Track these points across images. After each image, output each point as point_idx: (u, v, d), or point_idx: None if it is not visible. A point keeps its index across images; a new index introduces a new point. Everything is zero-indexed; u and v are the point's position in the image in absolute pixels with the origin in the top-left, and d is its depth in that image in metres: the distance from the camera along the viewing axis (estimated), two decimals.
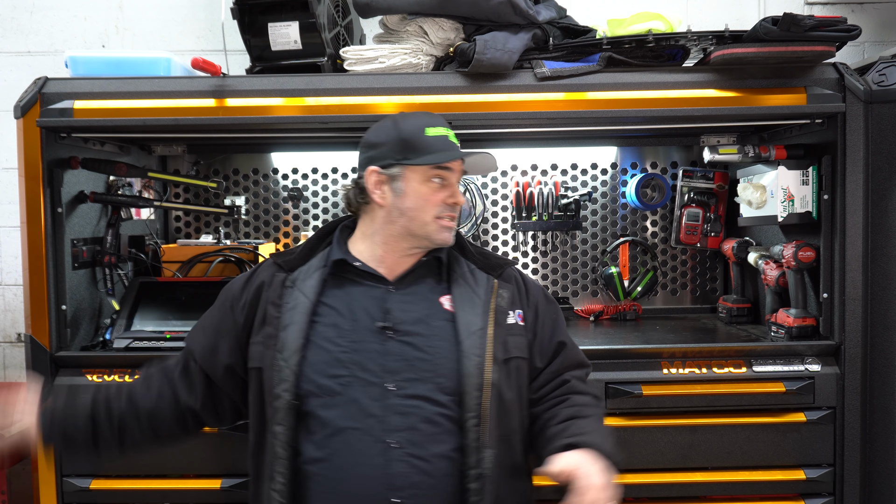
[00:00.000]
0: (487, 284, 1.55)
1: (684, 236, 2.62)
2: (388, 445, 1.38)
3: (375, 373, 1.43)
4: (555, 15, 2.14)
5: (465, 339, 1.45)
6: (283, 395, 1.42)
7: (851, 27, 1.92)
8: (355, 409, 1.41)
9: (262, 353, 1.48)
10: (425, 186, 1.52)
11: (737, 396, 2.02)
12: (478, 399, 1.42)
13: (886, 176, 1.98)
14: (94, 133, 2.18)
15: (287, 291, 1.51)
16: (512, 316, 1.54)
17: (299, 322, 1.46)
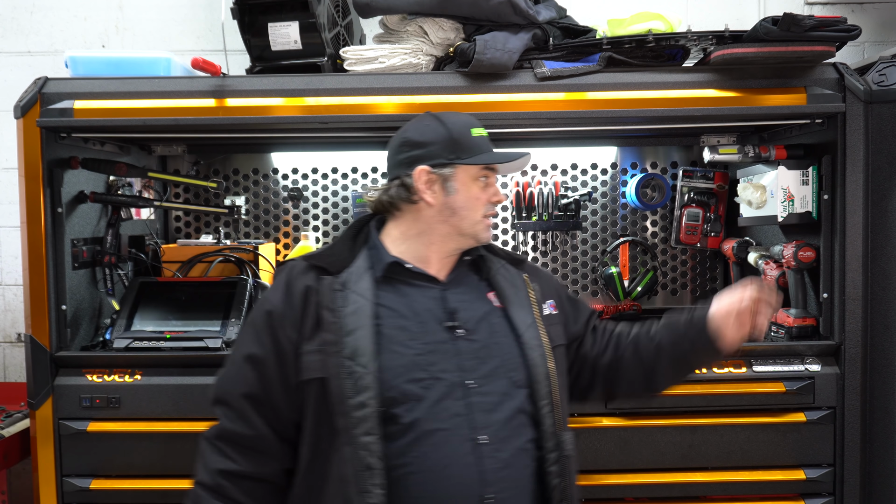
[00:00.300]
0: (520, 279, 1.60)
1: (684, 236, 2.62)
2: (477, 443, 1.38)
3: (453, 373, 1.42)
4: (555, 15, 2.14)
5: (524, 333, 1.50)
6: (369, 404, 1.36)
7: (851, 27, 1.92)
8: (440, 409, 1.39)
9: (322, 361, 1.40)
10: (475, 185, 1.53)
11: (737, 396, 2.02)
12: (548, 387, 1.47)
13: (886, 176, 1.98)
14: (94, 133, 2.18)
15: (339, 295, 1.44)
16: (546, 307, 1.60)
17: (366, 326, 1.41)
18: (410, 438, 1.37)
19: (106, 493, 2.02)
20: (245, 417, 1.44)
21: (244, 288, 2.25)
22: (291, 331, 1.44)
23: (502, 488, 1.38)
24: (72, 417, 2.01)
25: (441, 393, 1.40)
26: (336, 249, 1.54)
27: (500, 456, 1.39)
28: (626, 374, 1.62)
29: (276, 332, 1.44)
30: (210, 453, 1.47)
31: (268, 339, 1.45)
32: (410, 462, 1.37)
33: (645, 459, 2.02)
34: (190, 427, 2.00)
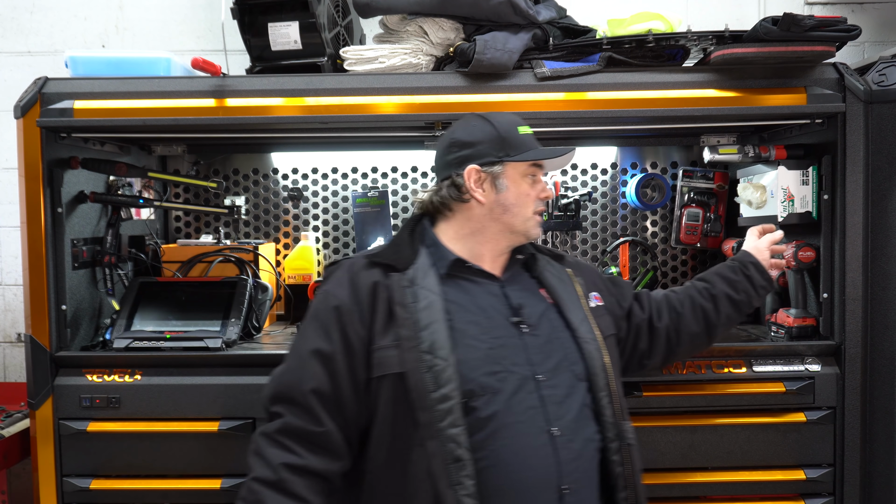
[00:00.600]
0: (565, 274, 1.65)
1: (684, 236, 2.62)
2: (552, 435, 1.41)
3: (522, 366, 1.45)
4: (555, 15, 2.14)
5: (578, 327, 1.54)
6: (452, 396, 1.37)
7: (851, 27, 1.92)
8: (516, 402, 1.42)
9: (399, 356, 1.41)
10: (524, 182, 1.57)
11: (737, 396, 2.02)
12: (605, 379, 1.50)
13: (886, 176, 1.98)
14: (94, 133, 2.18)
15: (409, 291, 1.46)
16: (592, 300, 1.65)
17: (440, 320, 1.43)
18: (489, 431, 1.39)
19: (106, 493, 2.02)
20: (312, 413, 1.41)
21: (244, 288, 2.25)
22: (360, 327, 1.44)
23: (576, 479, 1.42)
24: (72, 417, 2.01)
25: (515, 386, 1.43)
26: (399, 247, 1.55)
27: (572, 447, 1.42)
28: (687, 330, 1.75)
29: (344, 327, 1.44)
30: (271, 448, 1.40)
31: (336, 334, 1.44)
32: (490, 454, 1.38)
33: (645, 459, 1.99)
34: (190, 427, 2.00)
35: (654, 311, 1.76)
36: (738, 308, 1.79)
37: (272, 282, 2.52)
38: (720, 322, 1.78)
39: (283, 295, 2.62)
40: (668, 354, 1.78)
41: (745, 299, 1.80)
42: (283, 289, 2.61)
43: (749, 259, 1.84)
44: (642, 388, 2.00)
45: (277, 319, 2.67)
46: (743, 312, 1.81)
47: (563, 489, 1.39)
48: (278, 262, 2.69)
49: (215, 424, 2.00)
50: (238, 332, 2.16)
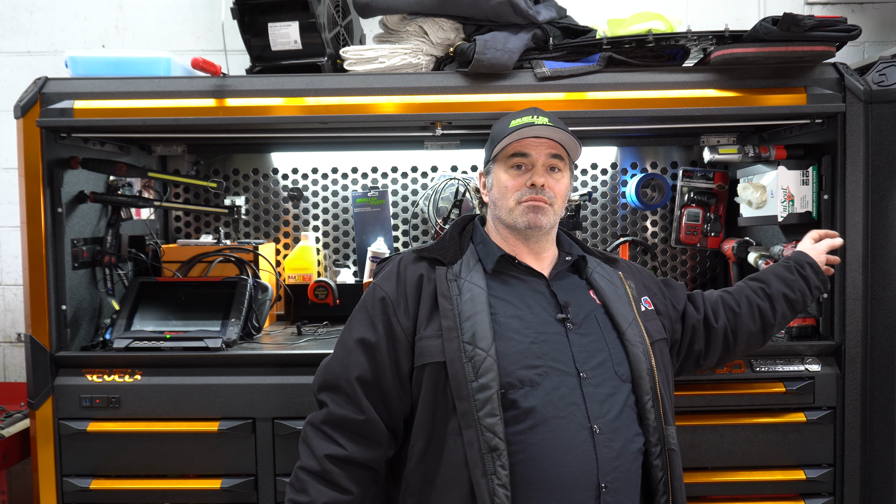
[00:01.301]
0: (617, 276, 1.64)
1: (684, 236, 2.62)
2: (593, 432, 1.41)
3: (565, 363, 1.46)
4: (555, 15, 2.14)
5: (626, 329, 1.53)
6: (491, 385, 1.39)
7: (851, 27, 1.92)
8: (557, 398, 1.42)
9: (440, 346, 1.44)
10: (506, 174, 1.58)
11: (737, 396, 2.02)
12: (651, 382, 1.50)
13: (886, 176, 1.98)
14: (94, 133, 2.18)
15: (454, 284, 1.50)
16: (642, 303, 1.64)
17: (483, 312, 1.46)
18: (529, 424, 1.40)
19: (106, 493, 2.02)
20: (356, 401, 1.47)
21: (244, 288, 2.26)
22: (404, 318, 1.50)
23: (615, 478, 1.41)
24: (72, 417, 2.01)
25: (556, 381, 1.44)
26: (446, 243, 1.61)
27: (613, 446, 1.42)
28: (745, 329, 1.76)
29: (389, 318, 1.50)
30: (316, 438, 1.48)
31: (381, 325, 1.50)
32: (529, 447, 1.40)
33: None
34: (190, 427, 2.00)
35: (709, 311, 1.76)
36: (793, 307, 1.80)
37: (272, 282, 2.52)
38: (776, 321, 1.79)
39: (283, 295, 2.62)
40: (724, 354, 1.78)
41: (800, 298, 1.81)
42: (283, 289, 2.61)
43: (806, 259, 1.84)
44: None
45: (277, 319, 2.67)
46: (796, 312, 1.82)
47: (602, 487, 1.39)
48: (278, 262, 2.69)
49: (215, 424, 2.00)
50: (238, 332, 2.16)
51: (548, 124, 1.57)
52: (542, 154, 1.58)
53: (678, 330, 1.73)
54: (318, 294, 2.58)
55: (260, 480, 2.01)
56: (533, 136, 1.57)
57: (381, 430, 1.48)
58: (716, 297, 1.81)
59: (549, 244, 1.64)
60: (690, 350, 1.75)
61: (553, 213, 1.58)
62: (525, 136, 1.56)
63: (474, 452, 1.37)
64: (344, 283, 2.64)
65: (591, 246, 2.72)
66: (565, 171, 1.62)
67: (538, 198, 1.55)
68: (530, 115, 1.59)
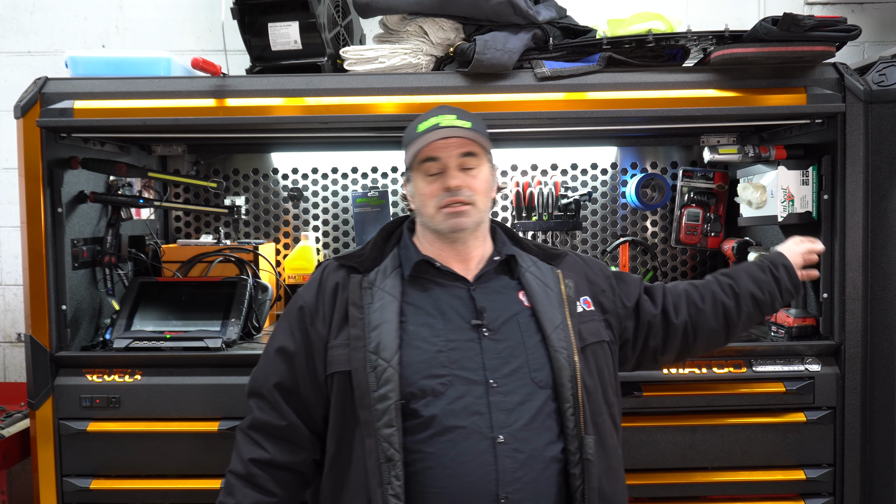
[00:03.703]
0: (553, 275, 1.59)
1: (684, 236, 2.62)
2: (495, 442, 1.39)
3: (475, 371, 1.43)
4: (555, 15, 2.14)
5: (551, 334, 1.49)
6: (390, 396, 1.40)
7: (851, 27, 1.92)
8: (459, 407, 1.41)
9: (347, 355, 1.45)
10: (422, 181, 1.55)
11: (737, 396, 2.02)
12: (572, 390, 1.45)
13: (886, 176, 1.98)
14: (94, 133, 2.18)
15: (367, 292, 1.50)
16: (580, 304, 1.58)
17: (391, 321, 1.45)
18: (429, 433, 1.40)
19: (106, 493, 2.02)
20: (276, 408, 1.52)
21: (244, 288, 2.26)
22: (321, 326, 1.51)
23: (518, 489, 1.39)
24: (72, 417, 2.01)
25: (461, 390, 1.42)
26: (367, 249, 1.60)
27: (517, 456, 1.40)
28: (706, 326, 1.69)
29: (306, 327, 1.52)
30: (243, 443, 1.53)
31: (299, 333, 1.52)
32: (428, 457, 1.40)
33: (645, 459, 2.02)
34: (190, 427, 2.00)
35: (669, 305, 1.69)
36: (761, 308, 1.73)
37: (272, 282, 2.52)
38: (741, 321, 1.72)
39: (283, 295, 2.62)
40: (683, 350, 1.73)
41: (769, 300, 1.73)
42: (283, 289, 2.61)
43: (781, 260, 1.77)
44: (642, 388, 2.00)
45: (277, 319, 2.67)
46: (764, 313, 1.76)
47: (502, 498, 1.38)
48: (278, 262, 2.69)
49: (215, 424, 2.00)
50: (238, 332, 2.16)
51: (454, 123, 1.52)
52: (452, 155, 1.53)
53: (629, 327, 1.66)
54: None
55: None
56: (440, 139, 1.51)
57: (303, 434, 1.51)
58: (680, 290, 1.73)
59: (479, 243, 1.58)
60: (646, 346, 1.69)
61: (476, 211, 1.53)
62: (430, 141, 1.51)
63: (372, 462, 1.39)
64: None
65: (592, 246, 2.73)
66: (481, 164, 1.56)
67: (456, 200, 1.51)
68: (437, 116, 1.55)
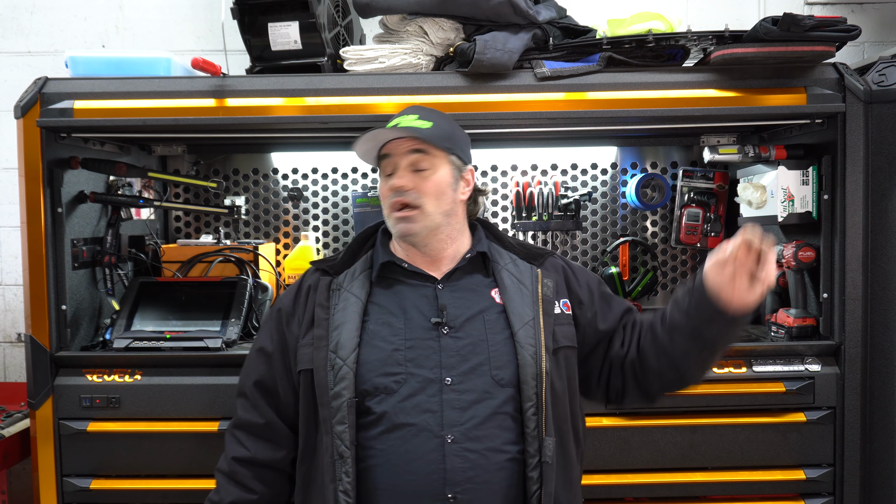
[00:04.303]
0: (531, 274, 1.56)
1: (684, 236, 2.62)
2: (445, 440, 1.39)
3: (432, 369, 1.44)
4: (555, 15, 2.14)
5: (518, 331, 1.46)
6: (343, 394, 1.42)
7: (851, 27, 1.92)
8: (411, 405, 1.41)
9: (311, 354, 1.48)
10: (381, 180, 1.57)
11: (737, 396, 2.02)
12: (535, 388, 1.43)
13: (886, 176, 1.98)
14: (94, 133, 2.18)
15: (334, 294, 1.53)
16: (557, 306, 1.54)
17: (352, 321, 1.48)
18: (380, 430, 1.42)
19: (106, 493, 2.02)
20: (257, 406, 1.57)
21: (244, 288, 2.26)
22: (296, 327, 1.55)
23: (468, 489, 1.38)
24: (72, 417, 2.01)
25: (414, 388, 1.42)
26: (342, 252, 1.63)
27: (468, 455, 1.39)
28: (652, 367, 1.52)
29: (282, 328, 1.58)
30: (228, 442, 1.57)
31: (276, 334, 1.59)
32: (379, 453, 1.41)
33: (645, 459, 2.02)
34: (190, 427, 2.00)
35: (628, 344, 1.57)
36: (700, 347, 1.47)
37: (272, 282, 2.52)
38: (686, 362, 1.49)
39: None
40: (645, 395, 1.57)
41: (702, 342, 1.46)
42: (282, 289, 2.61)
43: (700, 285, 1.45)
44: None
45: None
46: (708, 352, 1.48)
47: (450, 497, 1.37)
48: (278, 262, 2.69)
49: (215, 424, 2.00)
50: (238, 332, 2.16)
51: (412, 123, 1.50)
52: (400, 153, 1.51)
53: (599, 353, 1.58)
54: None
55: None
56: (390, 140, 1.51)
57: (282, 432, 1.55)
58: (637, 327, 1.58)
59: (445, 244, 1.56)
60: (609, 385, 1.60)
61: (424, 216, 1.50)
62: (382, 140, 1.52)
63: (327, 458, 1.42)
64: None
65: (592, 246, 2.73)
66: (436, 165, 1.51)
67: (401, 202, 1.49)
68: (400, 116, 1.56)
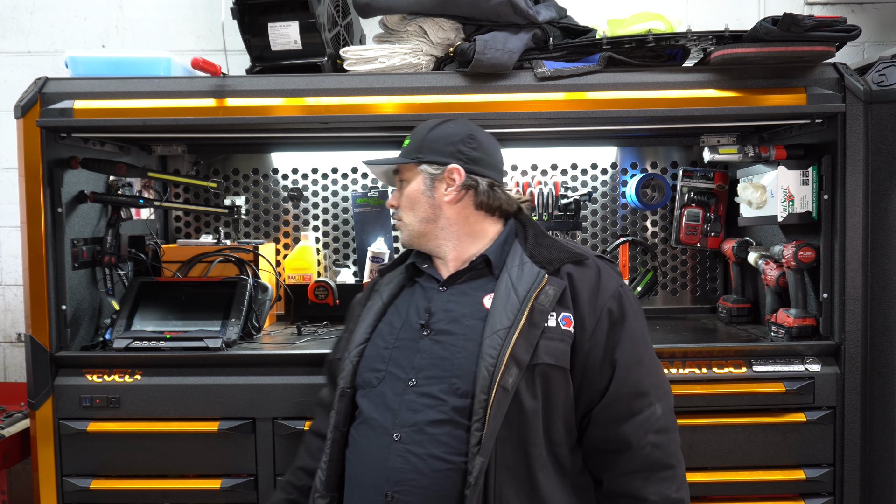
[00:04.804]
0: (535, 279, 1.44)
1: (684, 236, 2.62)
2: (392, 439, 1.41)
3: (405, 369, 1.46)
4: (555, 15, 2.14)
5: (486, 339, 1.39)
6: (340, 384, 1.53)
7: (851, 27, 1.92)
8: (380, 401, 1.46)
9: (342, 346, 1.61)
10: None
11: (737, 396, 2.02)
12: (484, 403, 1.34)
13: (886, 176, 1.98)
14: (94, 133, 2.18)
15: (373, 294, 1.63)
16: (553, 318, 1.41)
17: (369, 320, 1.57)
18: (357, 421, 1.50)
19: (106, 493, 2.02)
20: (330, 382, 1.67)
21: (244, 288, 2.25)
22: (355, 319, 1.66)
23: (406, 491, 1.37)
24: (72, 417, 2.01)
25: (389, 386, 1.47)
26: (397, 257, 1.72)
27: (409, 458, 1.38)
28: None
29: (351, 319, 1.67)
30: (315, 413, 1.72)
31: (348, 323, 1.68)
32: (352, 442, 1.50)
33: None
34: (190, 427, 2.00)
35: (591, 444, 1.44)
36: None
37: (272, 282, 2.52)
38: None
39: (283, 295, 2.62)
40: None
41: None
42: (283, 289, 2.61)
43: None
44: None
45: (277, 319, 2.67)
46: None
47: (388, 494, 1.37)
48: (278, 262, 2.69)
49: (215, 424, 2.00)
50: (238, 332, 2.16)
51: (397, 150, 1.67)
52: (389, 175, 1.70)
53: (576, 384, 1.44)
54: (318, 294, 2.58)
55: (260, 480, 2.01)
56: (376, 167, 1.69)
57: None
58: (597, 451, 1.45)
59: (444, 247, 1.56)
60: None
61: (405, 226, 1.61)
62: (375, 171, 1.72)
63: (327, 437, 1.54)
64: (344, 283, 2.64)
65: (592, 246, 2.73)
66: (409, 178, 1.61)
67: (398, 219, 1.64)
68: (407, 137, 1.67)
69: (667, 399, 1.45)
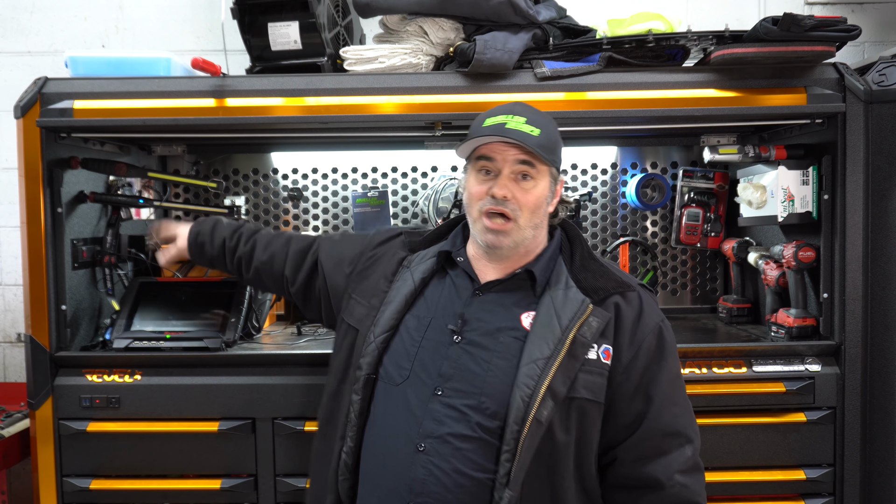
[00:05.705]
0: (579, 308, 1.38)
1: (684, 236, 2.62)
2: (417, 448, 1.36)
3: (431, 375, 1.40)
4: (555, 15, 2.14)
5: (523, 367, 1.33)
6: (364, 368, 1.45)
7: (851, 27, 1.92)
8: (402, 403, 1.40)
9: (362, 317, 1.51)
10: (473, 179, 1.47)
11: (737, 396, 2.02)
12: (516, 434, 1.30)
13: (886, 176, 1.98)
14: (94, 133, 2.18)
15: (402, 270, 1.53)
16: (594, 351, 1.36)
17: (397, 304, 1.48)
18: (377, 417, 1.43)
19: (106, 493, 2.02)
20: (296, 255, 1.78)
21: (244, 288, 2.25)
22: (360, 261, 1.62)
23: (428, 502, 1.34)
24: (72, 417, 2.01)
25: (413, 387, 1.41)
26: (430, 231, 1.61)
27: (433, 470, 1.34)
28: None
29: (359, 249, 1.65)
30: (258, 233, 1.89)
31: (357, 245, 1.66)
32: (369, 435, 1.44)
33: None
34: (190, 427, 2.00)
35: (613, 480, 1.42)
36: None
37: None
38: None
39: None
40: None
41: None
42: None
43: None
44: None
45: (277, 319, 2.67)
46: None
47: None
48: None
49: (215, 424, 2.00)
50: (238, 332, 2.16)
51: (521, 127, 1.41)
52: (507, 160, 1.42)
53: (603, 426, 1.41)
54: None
55: (260, 480, 2.01)
56: (500, 142, 1.41)
57: (267, 274, 1.81)
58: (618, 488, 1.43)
59: (516, 258, 1.48)
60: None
61: (518, 230, 1.42)
62: (488, 142, 1.42)
63: (343, 414, 1.47)
64: None
65: (592, 246, 2.73)
66: (539, 177, 1.43)
67: (498, 211, 1.41)
68: (505, 115, 1.44)
69: (697, 441, 1.45)
